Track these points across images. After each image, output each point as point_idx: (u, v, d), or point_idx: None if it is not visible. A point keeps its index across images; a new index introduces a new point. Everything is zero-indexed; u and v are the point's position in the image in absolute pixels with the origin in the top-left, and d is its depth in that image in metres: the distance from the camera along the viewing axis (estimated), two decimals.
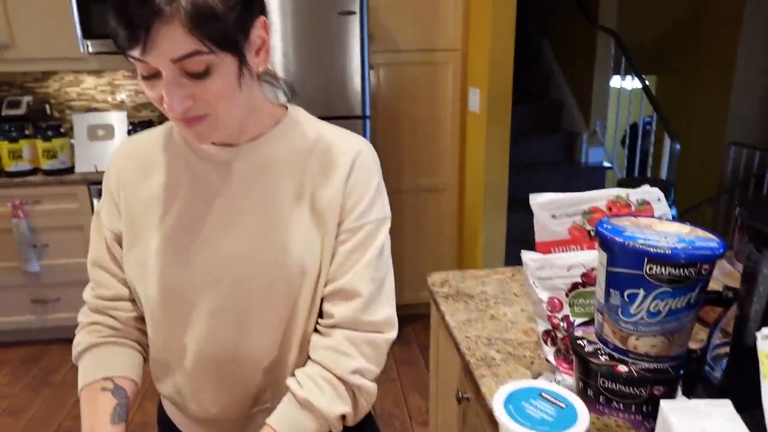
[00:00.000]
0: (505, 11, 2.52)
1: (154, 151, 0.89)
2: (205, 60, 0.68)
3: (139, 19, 0.64)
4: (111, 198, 0.89)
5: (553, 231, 1.12)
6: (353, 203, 0.85)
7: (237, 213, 0.84)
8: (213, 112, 0.74)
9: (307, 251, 0.84)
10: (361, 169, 0.86)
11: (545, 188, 3.66)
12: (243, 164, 0.84)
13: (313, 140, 0.87)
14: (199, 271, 0.83)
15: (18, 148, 2.70)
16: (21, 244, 2.73)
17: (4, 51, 2.79)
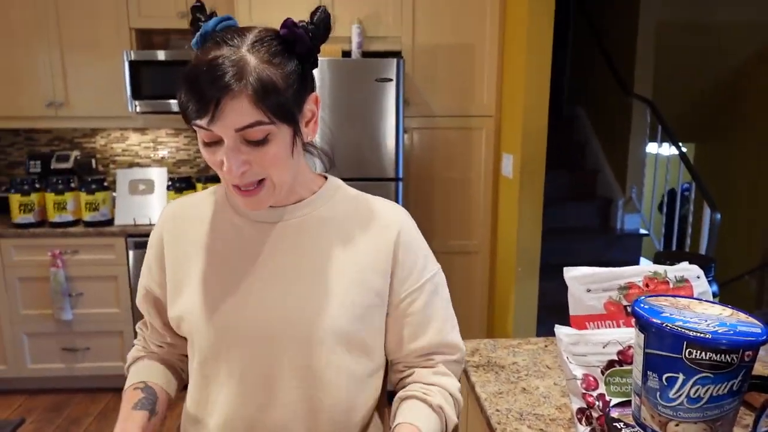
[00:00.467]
0: (538, 78, 2.56)
1: (198, 211, 0.94)
2: (265, 129, 0.75)
3: (210, 93, 0.71)
4: (151, 256, 0.95)
5: (588, 305, 1.09)
6: (410, 268, 0.90)
7: (277, 272, 0.86)
8: (268, 177, 0.79)
9: (346, 312, 0.85)
10: (409, 238, 0.91)
11: (580, 255, 3.60)
12: (285, 224, 0.88)
13: (355, 204, 0.92)
14: (234, 330, 0.85)
15: (63, 199, 2.81)
16: (56, 293, 2.79)
17: (58, 108, 2.95)
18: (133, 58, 2.80)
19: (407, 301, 0.90)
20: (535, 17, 2.50)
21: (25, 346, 2.91)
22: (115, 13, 2.88)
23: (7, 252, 2.80)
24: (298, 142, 0.81)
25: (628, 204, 4.02)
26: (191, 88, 0.72)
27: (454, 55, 2.82)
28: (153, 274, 0.95)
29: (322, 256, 0.87)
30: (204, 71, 0.72)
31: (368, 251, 0.88)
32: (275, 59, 0.75)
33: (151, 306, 0.97)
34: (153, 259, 0.94)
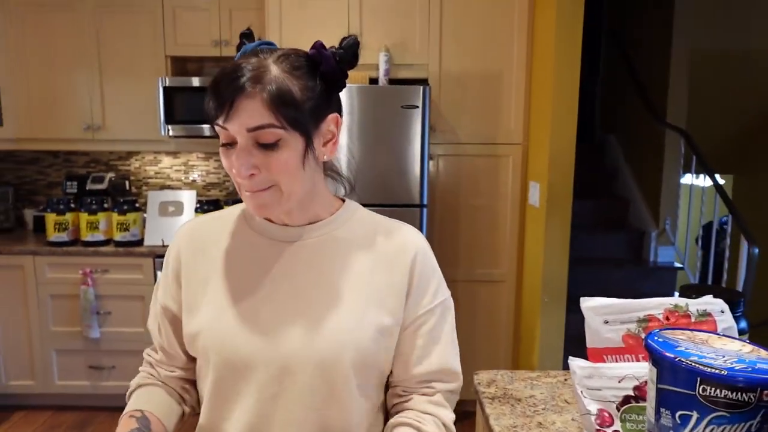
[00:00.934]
0: (565, 106, 2.53)
1: (216, 229, 0.96)
2: (277, 134, 0.78)
3: (227, 93, 0.77)
4: (168, 273, 0.96)
5: (606, 337, 1.05)
6: (422, 291, 0.91)
7: (293, 291, 0.87)
8: (276, 185, 0.81)
9: (363, 333, 0.86)
10: (424, 261, 0.92)
11: (611, 287, 3.50)
12: (302, 244, 0.89)
13: (372, 226, 0.94)
14: (250, 348, 0.85)
15: (95, 219, 2.89)
16: (85, 311, 2.85)
17: (95, 132, 3.06)
18: (168, 84, 2.90)
19: (418, 322, 0.91)
20: (562, 44, 2.49)
21: (53, 362, 2.97)
22: (152, 41, 2.99)
23: (41, 269, 2.88)
24: (311, 156, 0.83)
25: (662, 236, 3.91)
26: (214, 88, 0.78)
27: (481, 82, 2.83)
28: (171, 290, 0.95)
29: (339, 276, 0.88)
30: (227, 73, 0.78)
31: (385, 273, 0.89)
32: (296, 72, 0.80)
33: (168, 324, 0.96)
34: (171, 276, 0.95)
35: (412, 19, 2.78)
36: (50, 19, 2.98)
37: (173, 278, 0.94)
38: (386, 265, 0.90)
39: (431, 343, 0.91)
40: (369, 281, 0.88)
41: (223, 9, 2.97)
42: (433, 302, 0.92)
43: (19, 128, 3.06)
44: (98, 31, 2.98)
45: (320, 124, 0.84)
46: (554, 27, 2.49)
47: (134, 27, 2.98)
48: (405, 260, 0.90)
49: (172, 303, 0.95)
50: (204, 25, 2.99)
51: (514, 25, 2.79)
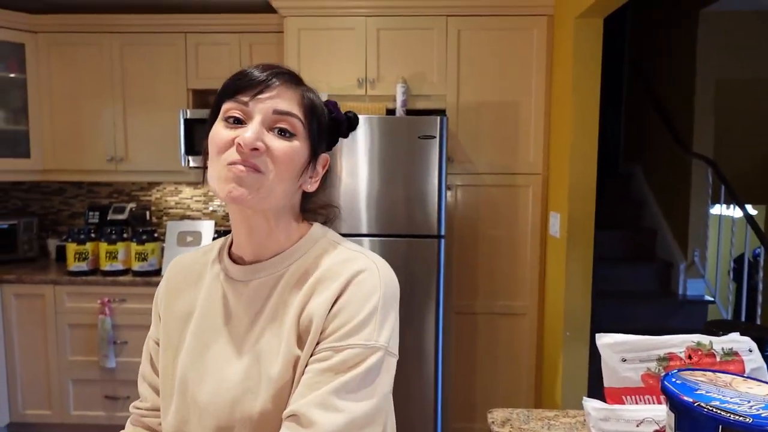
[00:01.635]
0: (585, 136, 2.49)
1: (197, 266, 0.94)
2: (297, 127, 0.80)
3: (269, 73, 0.79)
4: (155, 310, 0.96)
5: (624, 377, 0.98)
6: (340, 322, 0.76)
7: (233, 340, 0.84)
8: (266, 173, 0.77)
9: (283, 377, 0.78)
10: (358, 287, 0.78)
11: (638, 320, 3.38)
12: (255, 283, 0.86)
13: (318, 258, 0.84)
14: (192, 403, 0.83)
15: (115, 249, 2.91)
16: (102, 340, 2.85)
17: (118, 163, 3.11)
18: (189, 116, 2.94)
19: (318, 355, 0.76)
20: (581, 74, 2.46)
21: (70, 392, 2.96)
22: (175, 75, 3.06)
23: (61, 299, 2.90)
24: (306, 172, 0.84)
25: (691, 268, 3.78)
26: (252, 68, 0.80)
27: (500, 113, 2.81)
28: (156, 329, 0.95)
29: (289, 316, 0.80)
30: (269, 64, 0.82)
31: (316, 304, 0.79)
32: (320, 102, 0.86)
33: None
34: (156, 314, 0.96)
35: (430, 51, 2.79)
36: (76, 55, 3.08)
37: (157, 316, 0.95)
38: (317, 296, 0.79)
39: (315, 382, 0.74)
40: (300, 316, 0.80)
41: (243, 43, 3.03)
42: (345, 340, 0.75)
43: (45, 160, 3.14)
44: (122, 65, 3.06)
45: (319, 154, 0.86)
46: (572, 58, 2.46)
47: (157, 61, 3.06)
48: (334, 287, 0.79)
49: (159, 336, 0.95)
50: (224, 59, 3.04)
51: (533, 56, 2.77)
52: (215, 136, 0.79)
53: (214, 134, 0.80)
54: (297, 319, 0.80)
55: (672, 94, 3.99)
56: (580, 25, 2.43)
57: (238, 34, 3.02)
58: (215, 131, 0.80)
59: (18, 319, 2.93)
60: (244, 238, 0.85)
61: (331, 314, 0.77)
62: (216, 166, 0.78)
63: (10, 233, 3.22)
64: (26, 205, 3.52)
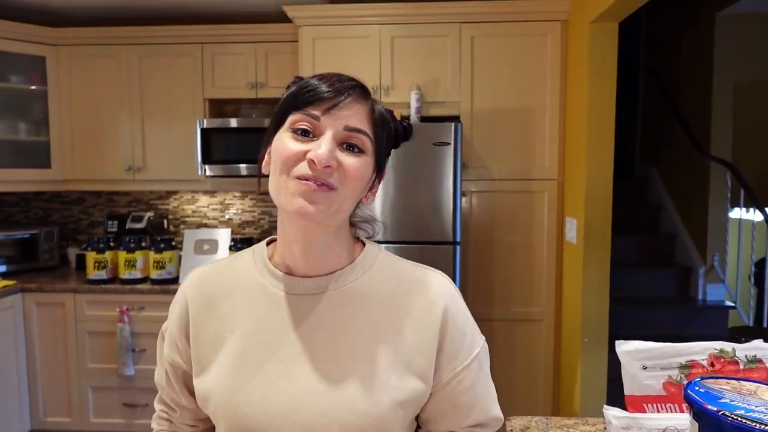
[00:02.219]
0: (601, 141, 2.48)
1: (227, 280, 0.88)
2: (366, 144, 0.79)
3: (345, 86, 0.78)
4: (174, 328, 0.88)
5: (644, 384, 0.97)
6: (458, 346, 0.84)
7: (310, 348, 0.80)
8: (338, 188, 0.76)
9: (386, 396, 0.78)
10: (456, 312, 0.85)
11: (657, 326, 3.32)
12: (320, 298, 0.82)
13: (394, 276, 0.86)
14: (266, 410, 0.79)
15: (133, 258, 2.95)
16: (121, 348, 2.88)
17: (136, 173, 3.15)
18: (205, 126, 2.97)
19: (455, 381, 0.84)
20: (597, 79, 2.45)
21: (89, 399, 2.99)
22: (192, 85, 3.10)
23: (80, 307, 2.94)
24: (370, 186, 0.84)
25: (710, 273, 3.73)
26: (325, 79, 0.78)
27: (514, 119, 2.80)
28: (178, 347, 0.88)
29: (359, 336, 0.81)
30: (335, 74, 0.80)
31: (412, 331, 0.82)
32: (387, 115, 0.85)
33: (180, 382, 0.90)
34: (177, 331, 0.88)
35: (443, 58, 2.80)
36: (96, 66, 3.13)
37: (180, 334, 0.87)
38: (413, 322, 0.82)
39: (472, 401, 0.85)
40: (393, 341, 0.81)
41: (259, 53, 3.06)
42: (469, 356, 0.85)
43: (65, 170, 3.19)
44: (141, 76, 3.11)
45: (383, 168, 0.86)
46: (588, 63, 2.45)
47: (174, 72, 3.10)
48: (434, 315, 0.82)
49: (180, 359, 0.88)
50: (240, 69, 3.08)
51: (547, 61, 2.77)
52: (282, 147, 0.77)
53: (281, 145, 0.77)
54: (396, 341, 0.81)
55: (689, 97, 3.95)
56: (595, 30, 2.42)
57: (254, 44, 3.05)
58: (282, 142, 0.77)
59: (39, 327, 2.97)
60: (299, 252, 0.82)
61: (447, 337, 0.83)
62: (282, 177, 0.76)
63: (32, 242, 3.28)
64: (47, 215, 3.58)
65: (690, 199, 3.93)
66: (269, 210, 3.46)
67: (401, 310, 0.83)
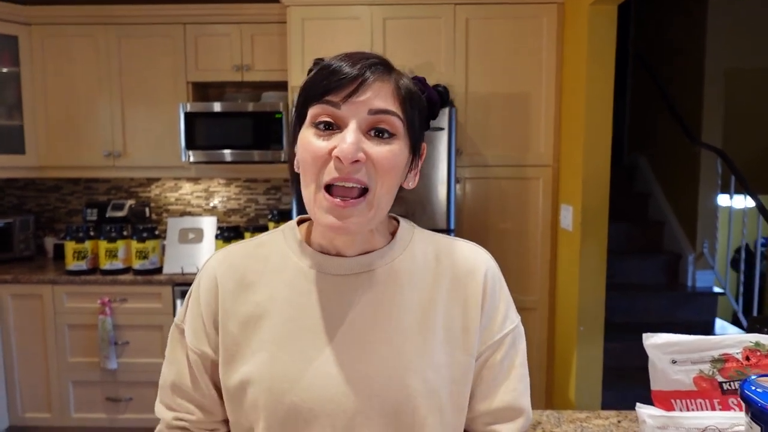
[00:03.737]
0: (599, 126, 2.43)
1: (259, 260, 0.82)
2: (396, 125, 0.71)
3: (361, 69, 0.70)
4: (201, 314, 0.81)
5: (673, 379, 0.92)
6: (491, 318, 0.81)
7: (356, 329, 0.76)
8: (371, 190, 0.71)
9: (437, 375, 0.76)
10: (494, 284, 0.82)
11: (647, 314, 3.31)
12: (362, 277, 0.78)
13: (433, 248, 0.83)
14: (315, 394, 0.74)
15: (114, 247, 2.83)
16: (103, 341, 2.78)
17: (116, 159, 3.02)
18: (189, 110, 2.86)
19: (486, 354, 0.81)
20: (595, 62, 2.39)
21: (70, 394, 2.89)
22: (173, 67, 2.97)
23: (59, 299, 2.82)
24: (408, 172, 0.78)
25: (700, 260, 3.73)
26: (338, 62, 0.71)
27: (509, 104, 2.74)
28: (206, 334, 0.80)
29: (404, 313, 0.77)
30: (355, 54, 0.72)
31: (455, 302, 0.79)
32: (416, 87, 0.77)
33: (207, 376, 0.81)
34: (206, 317, 0.80)
35: (437, 41, 2.72)
36: (71, 47, 2.98)
37: (209, 319, 0.80)
38: (455, 293, 0.80)
39: (499, 378, 0.81)
40: (438, 315, 0.78)
41: (245, 34, 2.94)
42: (503, 329, 0.81)
43: (40, 156, 3.05)
44: (119, 58, 2.97)
45: (419, 147, 0.78)
46: (586, 46, 2.39)
47: (155, 53, 2.97)
48: (475, 284, 0.80)
49: (208, 348, 0.80)
50: (225, 51, 2.96)
51: (543, 45, 2.70)
52: (307, 145, 0.71)
53: (306, 143, 0.71)
54: (444, 318, 0.78)
55: (679, 83, 3.93)
56: (595, 13, 2.36)
57: (239, 24, 2.93)
58: (306, 140, 0.72)
59: (15, 321, 2.85)
60: (338, 242, 0.78)
61: (485, 308, 0.80)
62: (311, 187, 0.71)
63: (6, 232, 3.14)
64: (22, 203, 3.43)
65: (679, 187, 3.92)
66: (255, 198, 3.36)
67: (444, 285, 0.80)
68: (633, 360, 3.53)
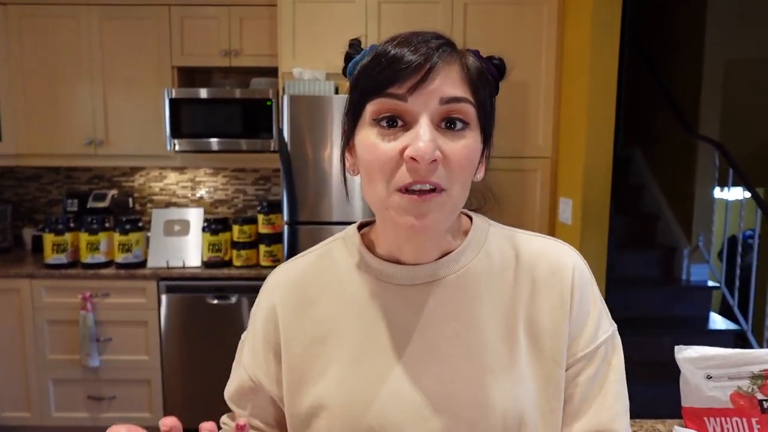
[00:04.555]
0: (603, 117, 2.36)
1: (320, 274, 0.75)
2: (470, 114, 0.63)
3: (423, 52, 0.61)
4: (259, 339, 0.76)
5: (708, 396, 0.84)
6: (581, 326, 0.70)
7: (433, 344, 0.68)
8: (448, 187, 0.62)
9: (527, 392, 0.68)
10: (583, 284, 0.71)
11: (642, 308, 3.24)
12: (436, 286, 0.70)
13: (511, 247, 0.74)
14: (393, 418, 0.66)
15: (96, 240, 2.71)
16: (84, 337, 2.66)
17: (98, 147, 2.89)
18: (174, 96, 2.73)
19: (575, 368, 0.70)
20: (599, 51, 2.32)
21: (50, 392, 2.78)
22: (157, 52, 2.84)
23: (38, 294, 2.70)
24: (481, 163, 0.69)
25: (695, 253, 3.69)
26: (400, 49, 0.61)
27: (507, 93, 2.61)
28: (264, 362, 0.75)
29: (486, 320, 0.69)
30: (412, 35, 0.63)
31: (541, 308, 0.70)
32: (483, 64, 0.68)
33: (259, 399, 0.77)
34: (263, 344, 0.75)
35: (434, 26, 2.59)
36: (51, 29, 2.83)
37: (267, 346, 0.75)
38: (539, 297, 0.70)
39: (591, 397, 0.70)
40: (521, 322, 0.69)
41: (233, 17, 2.82)
42: (596, 340, 0.71)
43: (19, 144, 2.90)
44: (101, 40, 2.83)
45: (491, 133, 0.70)
46: (590, 34, 2.31)
47: (139, 37, 2.83)
48: (562, 285, 0.70)
49: (266, 379, 0.75)
50: (213, 35, 2.83)
51: (543, 32, 2.61)
52: (372, 148, 0.62)
53: (370, 146, 0.62)
54: (526, 327, 0.69)
55: (677, 74, 3.87)
56: (599, 0, 2.28)
57: (227, 7, 2.80)
58: (369, 141, 0.62)
59: None
60: (404, 241, 0.70)
61: (573, 314, 0.70)
62: (381, 191, 0.63)
63: None
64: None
65: (674, 179, 3.88)
66: (243, 188, 3.25)
67: (526, 288, 0.71)
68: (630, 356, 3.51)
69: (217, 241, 2.76)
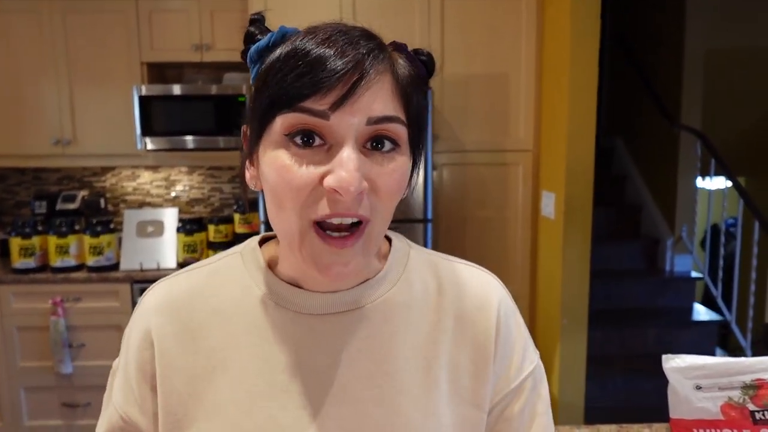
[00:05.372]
0: (584, 109, 2.31)
1: (208, 300, 0.62)
2: (401, 134, 0.53)
3: (355, 60, 0.50)
4: (131, 369, 0.62)
5: (698, 407, 0.80)
6: (507, 363, 0.65)
7: (342, 385, 0.59)
8: (373, 218, 0.54)
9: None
10: (508, 319, 0.65)
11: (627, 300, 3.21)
12: (351, 316, 0.60)
13: (436, 284, 0.65)
14: None
15: (66, 243, 2.61)
16: (56, 344, 2.57)
17: (65, 146, 2.79)
18: (144, 93, 2.64)
19: (502, 405, 0.65)
20: (579, 42, 2.27)
21: (22, 401, 2.69)
22: (126, 47, 2.73)
23: (6, 299, 2.60)
24: (408, 184, 0.59)
25: (678, 244, 3.68)
26: (322, 50, 0.50)
27: (487, 86, 2.59)
28: (139, 397, 0.61)
29: (404, 359, 0.61)
30: (336, 31, 0.51)
31: (463, 346, 0.63)
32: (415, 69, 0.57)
33: None
34: (136, 374, 0.61)
35: (411, 18, 2.54)
36: (12, 24, 2.71)
37: (141, 379, 0.61)
38: (462, 334, 0.63)
39: (521, 430, 0.65)
40: (442, 362, 0.62)
41: (204, 10, 2.72)
42: (520, 375, 0.65)
43: None
44: (66, 36, 2.72)
45: (422, 149, 0.60)
46: (570, 24, 2.26)
47: (105, 31, 2.72)
48: (486, 321, 0.64)
49: (140, 416, 0.61)
50: (183, 29, 2.73)
51: (522, 24, 2.55)
52: (283, 171, 0.51)
53: (281, 168, 0.51)
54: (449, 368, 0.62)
55: (658, 64, 3.85)
56: None
57: (198, 0, 2.70)
58: (279, 162, 0.51)
59: None
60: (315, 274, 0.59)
61: (498, 351, 0.63)
62: (291, 218, 0.52)
63: None
64: None
65: (657, 170, 3.86)
66: (219, 187, 3.16)
67: (449, 324, 0.63)
68: (613, 348, 3.49)
69: (192, 241, 2.68)
